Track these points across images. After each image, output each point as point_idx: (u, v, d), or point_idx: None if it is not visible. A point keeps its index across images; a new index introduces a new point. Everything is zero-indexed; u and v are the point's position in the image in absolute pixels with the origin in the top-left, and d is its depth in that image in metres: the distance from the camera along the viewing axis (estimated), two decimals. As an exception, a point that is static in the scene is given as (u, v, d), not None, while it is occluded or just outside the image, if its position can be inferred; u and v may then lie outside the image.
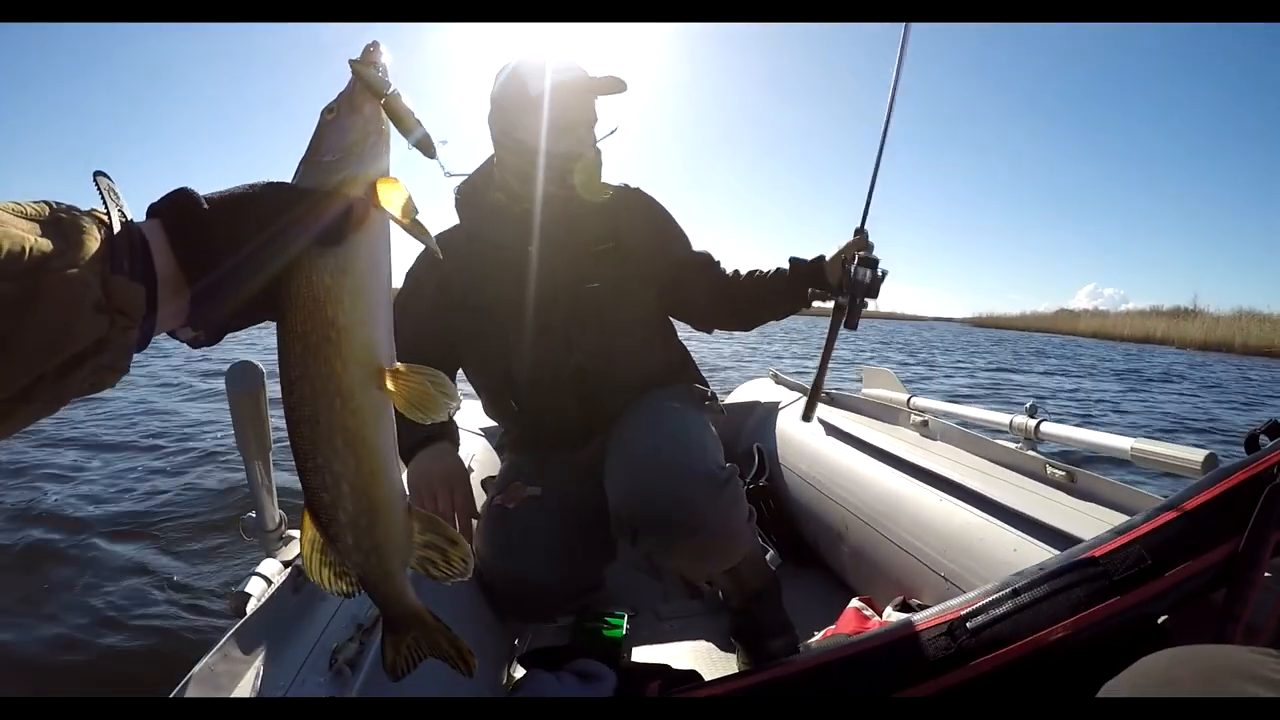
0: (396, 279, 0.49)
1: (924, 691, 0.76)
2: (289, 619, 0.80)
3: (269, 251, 0.40)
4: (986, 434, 1.47)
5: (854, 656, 0.82)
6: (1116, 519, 0.96)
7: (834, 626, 1.24)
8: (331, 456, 0.45)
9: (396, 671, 0.56)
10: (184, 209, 0.39)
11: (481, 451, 1.58)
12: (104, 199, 0.37)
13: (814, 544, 1.60)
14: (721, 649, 1.28)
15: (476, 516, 1.10)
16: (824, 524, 1.53)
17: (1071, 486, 1.17)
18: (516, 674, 1.08)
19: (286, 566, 1.04)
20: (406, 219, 0.44)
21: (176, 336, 0.42)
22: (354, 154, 0.44)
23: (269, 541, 1.10)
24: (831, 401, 1.99)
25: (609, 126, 1.13)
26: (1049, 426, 1.38)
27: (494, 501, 1.13)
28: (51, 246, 0.32)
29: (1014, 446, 1.37)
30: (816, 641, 1.21)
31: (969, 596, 0.83)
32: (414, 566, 0.52)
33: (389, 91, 0.44)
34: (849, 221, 1.17)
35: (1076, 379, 11.34)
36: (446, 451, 1.08)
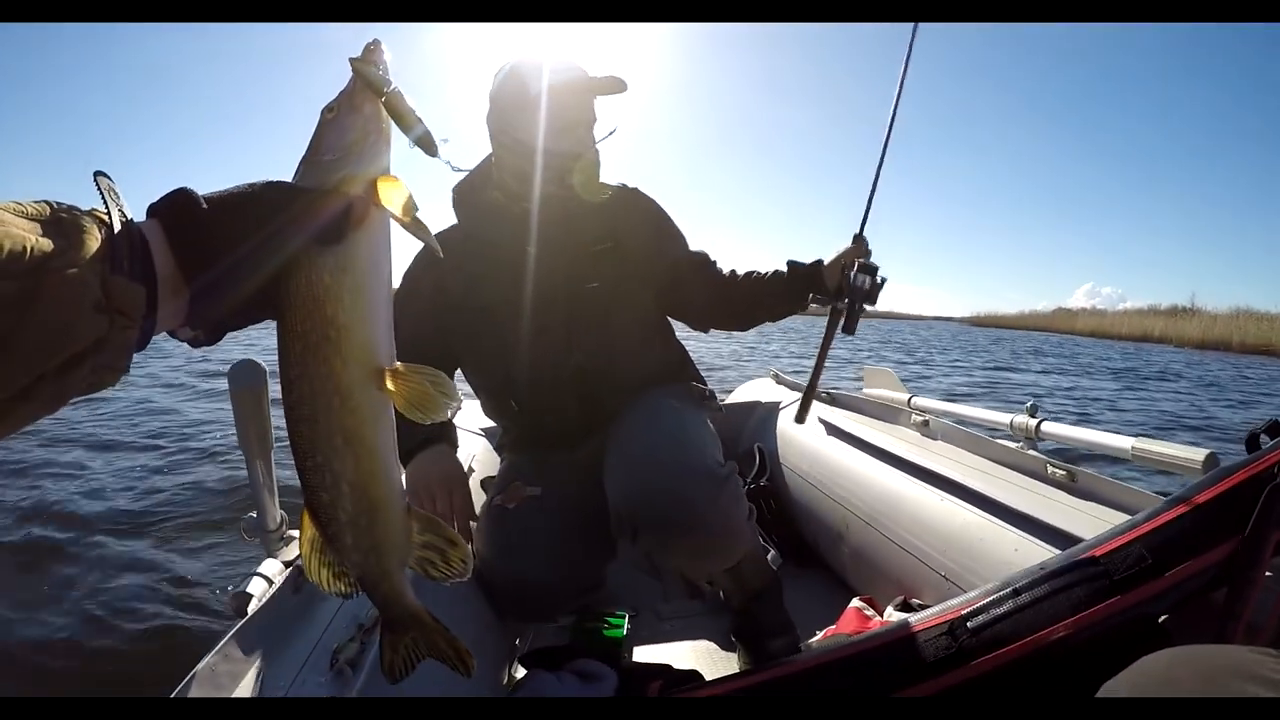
0: (395, 279, 0.49)
1: (924, 691, 0.76)
2: (290, 619, 0.80)
3: (267, 250, 0.40)
4: (987, 434, 1.47)
5: (854, 656, 0.82)
6: (1117, 518, 0.96)
7: (835, 626, 1.24)
8: (331, 456, 0.45)
9: (395, 672, 0.56)
10: (183, 209, 0.39)
11: (482, 452, 1.58)
12: (104, 199, 0.37)
13: (815, 544, 1.60)
14: (722, 649, 1.28)
15: (475, 519, 1.10)
16: (825, 524, 1.53)
17: (1072, 486, 1.17)
18: (517, 674, 1.08)
19: (287, 566, 1.04)
20: (407, 217, 0.44)
21: (176, 336, 0.42)
22: (354, 153, 0.44)
23: (270, 541, 1.10)
24: (832, 401, 1.99)
25: (608, 128, 1.13)
26: (1049, 426, 1.38)
27: (494, 502, 1.13)
28: (52, 246, 0.32)
29: (1015, 446, 1.37)
30: (817, 641, 1.21)
31: (969, 596, 0.83)
32: (413, 567, 0.52)
33: (389, 89, 0.44)
34: (846, 221, 1.17)
35: (1073, 378, 11.34)
36: (445, 454, 1.08)
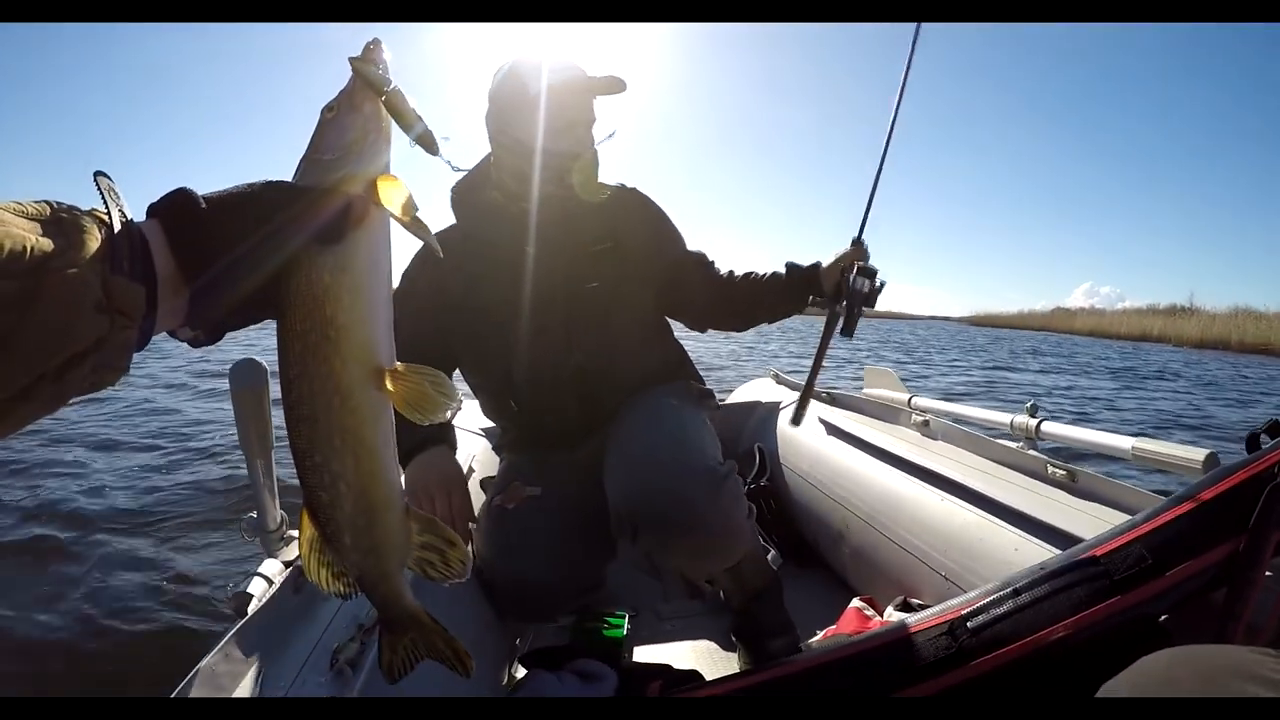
0: (394, 279, 0.49)
1: (924, 691, 0.76)
2: (290, 619, 0.80)
3: (267, 250, 0.40)
4: (987, 434, 1.47)
5: (854, 656, 0.82)
6: (1117, 518, 0.96)
7: (835, 626, 1.24)
8: (330, 456, 0.45)
9: (394, 673, 0.56)
10: (182, 209, 0.39)
11: (482, 452, 1.58)
12: (104, 199, 0.37)
13: (815, 544, 1.60)
14: (722, 649, 1.28)
15: (474, 520, 1.10)
16: (825, 524, 1.53)
17: (1072, 486, 1.16)
18: (517, 674, 1.08)
19: (288, 567, 1.04)
20: (407, 217, 0.44)
21: (176, 336, 0.42)
22: (353, 152, 0.44)
23: (270, 541, 1.10)
24: (832, 401, 1.99)
25: (607, 130, 1.13)
26: (1050, 426, 1.38)
27: (493, 502, 1.13)
28: (52, 246, 0.32)
29: (1015, 446, 1.37)
30: (817, 641, 1.21)
31: (969, 596, 0.83)
32: (412, 567, 0.52)
33: (389, 88, 0.44)
34: (845, 220, 1.17)
35: (1071, 377, 11.35)
36: (444, 455, 1.08)
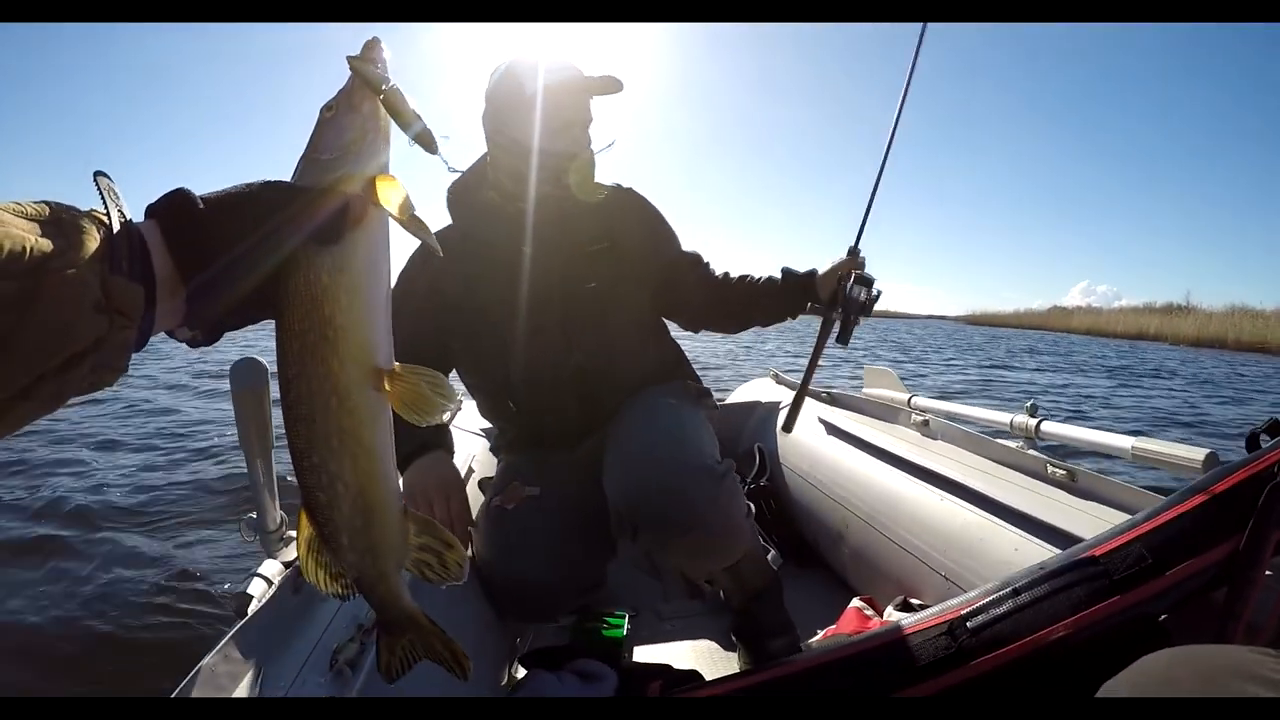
0: (392, 280, 0.49)
1: (924, 691, 0.76)
2: (290, 619, 0.80)
3: (264, 250, 0.40)
4: (987, 433, 1.47)
5: (854, 656, 0.82)
6: (1117, 518, 0.95)
7: (835, 626, 1.24)
8: (328, 456, 0.45)
9: (391, 673, 0.56)
10: (180, 210, 0.39)
11: (481, 452, 1.58)
12: (104, 199, 0.37)
13: (815, 544, 1.60)
14: (722, 649, 1.28)
15: (473, 524, 1.10)
16: (825, 524, 1.53)
17: (1072, 485, 1.16)
18: (517, 674, 1.08)
19: (287, 567, 1.04)
20: (405, 216, 0.44)
21: (174, 336, 0.42)
22: (352, 151, 0.44)
23: (270, 542, 1.10)
24: (832, 401, 1.99)
25: (607, 139, 1.13)
26: (1050, 425, 1.38)
27: (493, 502, 1.13)
28: (52, 246, 0.32)
29: (1015, 446, 1.37)
30: (817, 641, 1.21)
31: (969, 596, 0.83)
32: (409, 569, 0.52)
33: (387, 87, 0.44)
34: (844, 221, 1.18)
35: (1068, 375, 11.36)
36: (441, 460, 1.08)
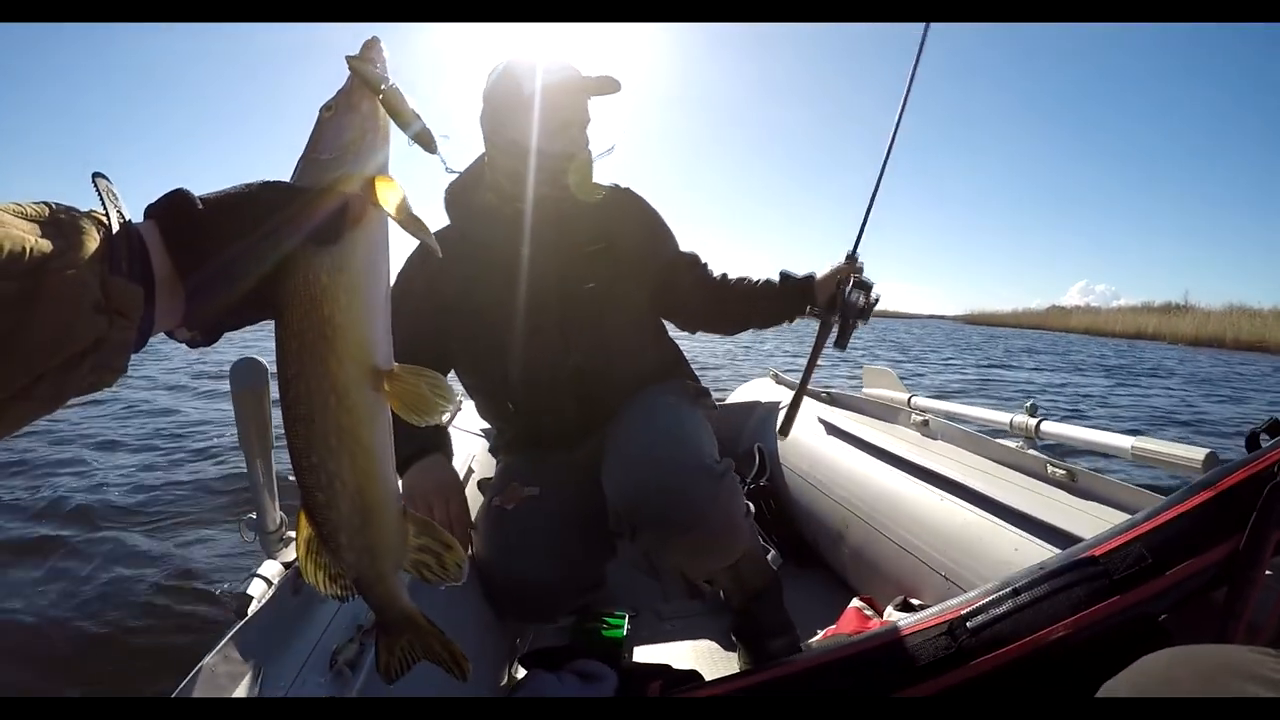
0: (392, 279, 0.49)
1: (924, 691, 0.76)
2: (289, 620, 0.80)
3: (263, 250, 0.40)
4: (987, 433, 1.47)
5: (854, 656, 0.82)
6: (1117, 518, 0.95)
7: (835, 626, 1.24)
8: (326, 456, 0.45)
9: (390, 674, 0.56)
10: (179, 210, 0.39)
11: (481, 453, 1.58)
12: (103, 200, 0.37)
13: (815, 544, 1.60)
14: (722, 649, 1.28)
15: (473, 527, 1.10)
16: (825, 524, 1.53)
17: (1072, 485, 1.16)
18: (517, 674, 1.08)
19: (287, 568, 1.04)
20: (403, 216, 0.44)
21: (174, 336, 0.42)
22: (351, 151, 0.44)
23: (269, 542, 1.10)
24: (832, 401, 1.99)
25: (605, 141, 1.12)
26: (1049, 425, 1.38)
27: (492, 503, 1.13)
28: (51, 247, 0.32)
29: (1014, 445, 1.37)
30: (817, 641, 1.21)
31: (969, 596, 0.83)
32: (408, 569, 0.52)
33: (386, 87, 0.44)
34: (842, 221, 1.19)
35: (1065, 374, 11.36)
36: (440, 463, 1.08)
